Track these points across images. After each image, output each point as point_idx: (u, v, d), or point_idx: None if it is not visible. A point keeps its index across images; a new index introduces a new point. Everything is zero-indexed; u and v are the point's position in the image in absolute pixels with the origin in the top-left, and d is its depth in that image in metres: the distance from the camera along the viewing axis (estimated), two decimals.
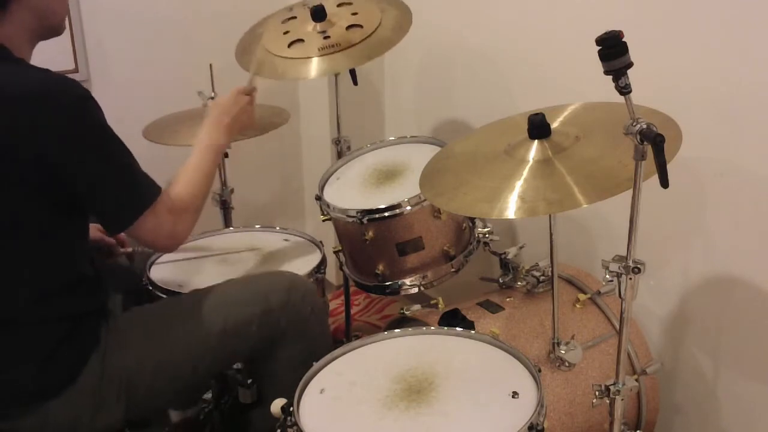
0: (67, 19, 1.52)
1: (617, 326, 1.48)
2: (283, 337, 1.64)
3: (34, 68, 1.41)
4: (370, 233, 1.76)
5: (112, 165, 1.40)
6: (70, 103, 1.33)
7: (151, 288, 1.82)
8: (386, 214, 1.74)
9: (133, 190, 1.43)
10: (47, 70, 1.39)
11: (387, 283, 1.83)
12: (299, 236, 2.10)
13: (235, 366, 1.77)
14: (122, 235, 1.82)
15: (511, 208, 1.28)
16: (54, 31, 1.49)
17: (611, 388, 1.36)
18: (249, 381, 1.75)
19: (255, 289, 1.66)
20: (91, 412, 1.46)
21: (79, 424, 1.45)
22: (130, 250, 1.90)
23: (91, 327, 1.48)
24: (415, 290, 1.83)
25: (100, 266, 1.57)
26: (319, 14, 1.95)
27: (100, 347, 1.47)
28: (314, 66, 1.90)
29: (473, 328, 1.64)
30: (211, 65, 2.15)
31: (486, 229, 1.88)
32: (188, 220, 1.53)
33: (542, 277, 1.80)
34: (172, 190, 1.52)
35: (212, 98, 2.17)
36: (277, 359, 1.65)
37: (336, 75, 2.13)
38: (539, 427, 1.25)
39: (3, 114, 1.32)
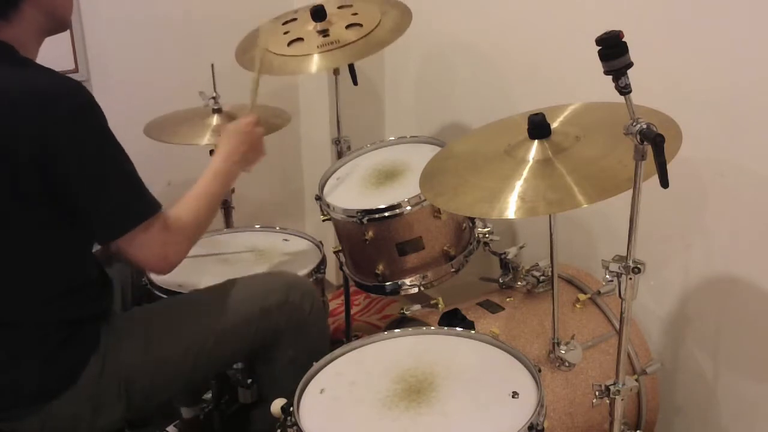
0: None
1: (617, 326, 1.48)
2: (282, 337, 1.64)
3: (39, 69, 1.39)
4: (370, 233, 1.76)
5: (110, 171, 1.37)
6: (73, 106, 1.32)
7: (150, 288, 1.82)
8: (386, 214, 1.74)
9: (130, 201, 1.39)
10: (52, 71, 1.38)
11: (387, 283, 1.83)
12: (299, 236, 2.10)
13: (235, 366, 1.77)
14: None
15: (511, 208, 1.28)
16: (61, 26, 1.48)
17: (611, 388, 1.36)
18: (249, 381, 1.75)
19: (254, 289, 1.65)
20: (91, 412, 1.45)
21: (80, 424, 1.45)
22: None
23: (92, 329, 1.48)
24: (415, 290, 1.83)
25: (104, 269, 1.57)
26: (319, 14, 1.95)
27: (100, 348, 1.47)
28: (314, 62, 1.90)
29: (473, 328, 1.64)
30: (212, 65, 2.15)
31: (486, 229, 1.88)
32: (182, 243, 1.48)
33: (542, 277, 1.80)
34: (171, 210, 1.48)
35: (214, 98, 2.17)
36: (277, 359, 1.65)
37: (336, 75, 2.12)
38: (539, 427, 1.25)
39: (5, 115, 1.31)
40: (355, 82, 2.08)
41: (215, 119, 2.17)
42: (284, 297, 1.64)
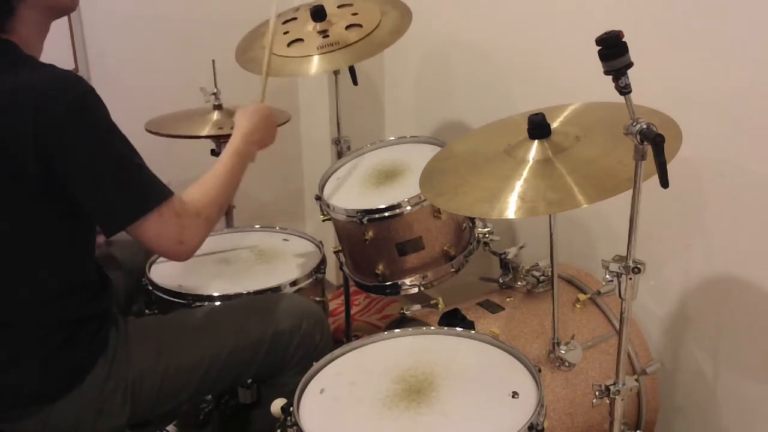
0: (67, 17, 1.50)
1: (617, 326, 1.48)
2: (289, 364, 1.63)
3: (39, 66, 1.38)
4: (370, 233, 1.76)
5: (114, 160, 1.35)
6: (70, 103, 1.31)
7: (150, 288, 1.82)
8: (386, 214, 1.74)
9: (137, 188, 1.38)
10: (52, 67, 1.37)
11: (387, 283, 1.83)
12: (299, 236, 2.10)
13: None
14: None
15: (511, 208, 1.28)
16: (66, 11, 1.48)
17: (611, 388, 1.36)
18: (249, 381, 1.75)
19: (269, 310, 1.65)
20: (94, 415, 1.45)
21: (81, 427, 1.45)
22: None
23: (97, 331, 1.47)
24: (415, 290, 1.83)
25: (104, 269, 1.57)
26: (319, 14, 1.95)
27: (108, 352, 1.47)
28: (314, 64, 1.90)
29: (473, 328, 1.64)
30: (213, 61, 2.15)
31: (486, 229, 1.88)
32: (200, 226, 1.46)
33: (542, 277, 1.80)
34: (187, 193, 1.47)
35: (214, 94, 2.17)
36: (280, 386, 1.63)
37: (336, 75, 2.12)
38: (539, 427, 1.25)
39: (4, 115, 1.30)
40: (355, 82, 2.08)
41: (216, 115, 2.17)
42: (298, 323, 1.63)
